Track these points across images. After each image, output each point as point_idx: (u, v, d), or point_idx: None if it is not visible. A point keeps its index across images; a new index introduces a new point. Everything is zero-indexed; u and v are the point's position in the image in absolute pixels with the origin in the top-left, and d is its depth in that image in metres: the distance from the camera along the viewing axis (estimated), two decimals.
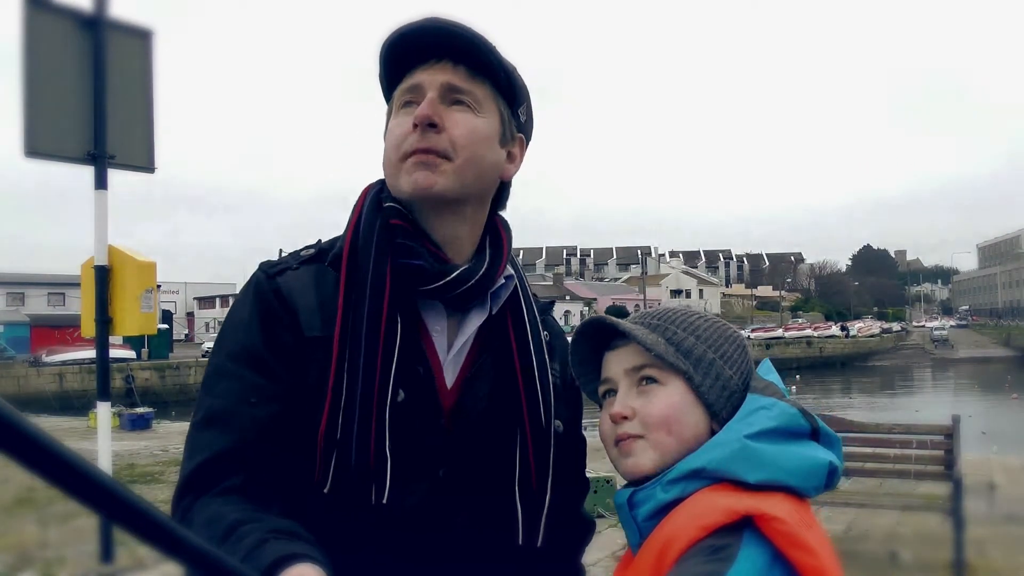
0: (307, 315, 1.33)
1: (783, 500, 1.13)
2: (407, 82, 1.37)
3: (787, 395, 1.27)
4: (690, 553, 1.06)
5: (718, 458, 1.17)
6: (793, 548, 1.04)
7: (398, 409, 1.30)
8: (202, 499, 1.22)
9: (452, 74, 1.35)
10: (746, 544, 1.05)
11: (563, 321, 74.79)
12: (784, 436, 1.20)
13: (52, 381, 34.59)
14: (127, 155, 6.39)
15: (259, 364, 1.31)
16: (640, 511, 1.23)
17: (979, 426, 19.80)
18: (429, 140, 1.33)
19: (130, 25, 6.47)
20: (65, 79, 6.01)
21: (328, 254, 1.40)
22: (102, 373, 6.49)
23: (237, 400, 1.28)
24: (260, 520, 1.14)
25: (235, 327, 1.36)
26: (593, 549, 5.72)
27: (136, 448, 12.70)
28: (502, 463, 1.38)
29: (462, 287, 1.35)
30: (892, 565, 6.22)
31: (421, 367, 1.34)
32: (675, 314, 1.37)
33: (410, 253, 1.34)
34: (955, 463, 6.10)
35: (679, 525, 1.11)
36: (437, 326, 1.39)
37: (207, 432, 1.28)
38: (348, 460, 1.27)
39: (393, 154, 1.36)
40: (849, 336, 77.68)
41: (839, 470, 1.23)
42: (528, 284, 1.53)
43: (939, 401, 35.80)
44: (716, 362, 1.29)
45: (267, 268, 1.40)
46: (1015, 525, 7.43)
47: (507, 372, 1.41)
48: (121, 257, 6.32)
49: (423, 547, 1.31)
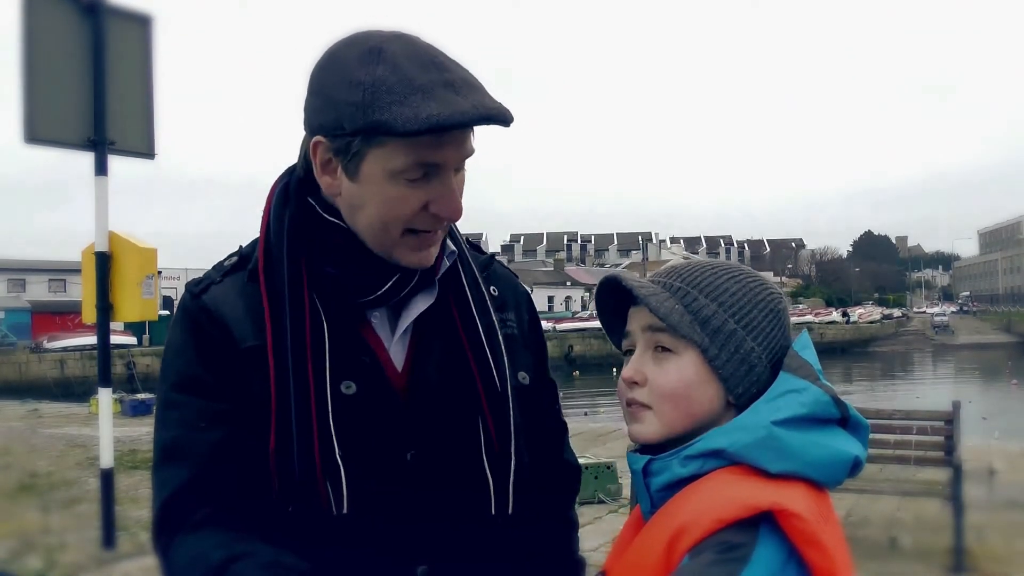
0: (238, 327, 1.32)
1: (803, 492, 1.09)
2: (428, 155, 1.23)
3: (821, 376, 1.19)
4: (703, 546, 1.02)
5: (741, 442, 1.12)
6: (808, 546, 1.01)
7: (348, 403, 1.28)
8: (177, 538, 1.22)
9: (470, 142, 1.28)
10: (762, 542, 1.01)
11: (564, 307, 74.76)
12: (812, 424, 1.14)
13: (53, 367, 34.66)
14: (127, 141, 6.38)
15: (202, 388, 1.29)
16: (655, 480, 1.19)
17: (979, 412, 19.80)
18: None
19: (130, 11, 6.45)
20: (65, 65, 5.99)
21: (249, 262, 1.37)
22: (103, 359, 6.50)
23: (188, 428, 1.28)
24: (247, 555, 1.14)
25: (173, 355, 1.35)
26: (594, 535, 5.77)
27: (138, 434, 12.70)
28: (467, 435, 1.37)
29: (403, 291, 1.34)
30: (892, 550, 6.24)
31: (366, 356, 1.33)
32: (703, 274, 1.25)
33: (335, 262, 1.32)
34: (955, 449, 6.10)
35: (694, 514, 1.07)
36: (376, 313, 1.37)
37: (166, 468, 1.28)
38: (292, 471, 1.25)
39: (396, 225, 1.28)
40: (850, 322, 77.61)
41: (863, 463, 1.18)
42: (465, 244, 1.49)
43: (939, 387, 35.80)
44: (737, 333, 1.19)
45: (192, 288, 1.38)
46: (1015, 511, 7.45)
47: (454, 341, 1.39)
48: (122, 243, 6.31)
49: (405, 537, 1.30)
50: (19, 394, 24.70)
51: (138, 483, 8.63)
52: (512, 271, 1.61)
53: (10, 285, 57.19)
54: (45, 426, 14.93)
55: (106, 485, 6.24)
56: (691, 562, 1.02)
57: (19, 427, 14.80)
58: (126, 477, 8.61)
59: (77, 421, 15.43)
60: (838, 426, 1.18)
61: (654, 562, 1.08)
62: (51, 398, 23.34)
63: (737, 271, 1.27)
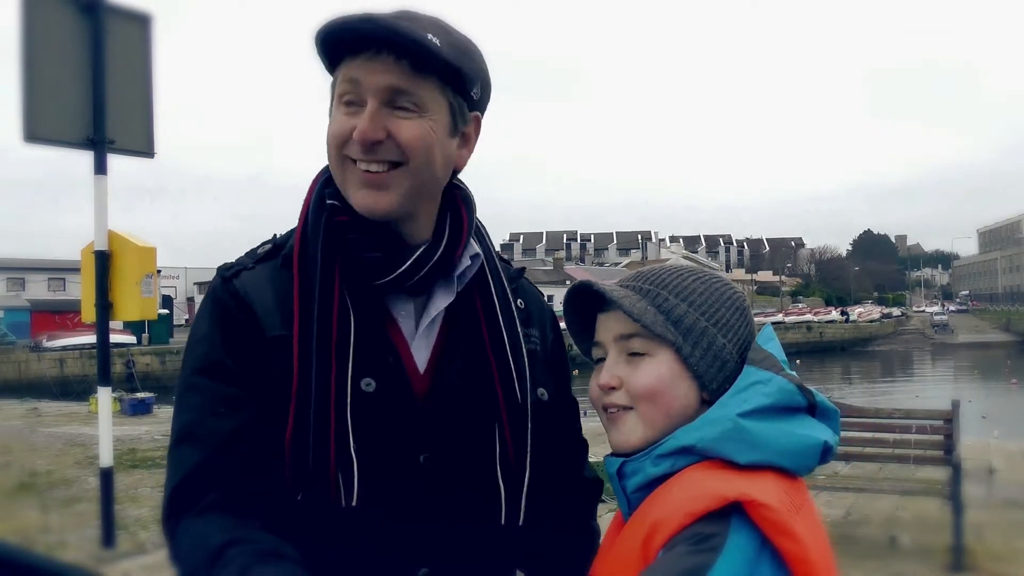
0: (266, 315, 1.32)
1: (774, 482, 1.10)
2: (347, 71, 1.28)
3: (786, 366, 1.22)
4: (676, 540, 1.04)
5: (709, 437, 1.14)
6: (779, 535, 1.03)
7: (367, 400, 1.28)
8: (184, 520, 1.22)
9: (394, 74, 1.25)
10: (734, 532, 1.03)
11: None
12: (779, 413, 1.17)
13: (53, 366, 34.58)
14: (127, 140, 6.37)
15: (224, 373, 1.30)
16: (629, 482, 1.21)
17: (978, 411, 19.81)
18: (376, 154, 1.28)
19: (129, 10, 6.44)
20: (65, 64, 5.99)
21: (282, 251, 1.38)
22: (103, 358, 6.50)
23: (206, 413, 1.28)
24: (245, 541, 1.14)
25: (198, 340, 1.35)
26: None
27: (137, 433, 12.72)
28: (483, 443, 1.37)
29: (419, 273, 1.34)
30: (891, 549, 6.23)
31: (390, 355, 1.33)
32: (670, 276, 1.30)
33: (362, 247, 1.32)
34: (954, 448, 6.11)
35: (666, 510, 1.09)
36: (403, 312, 1.37)
37: (181, 450, 1.28)
38: (306, 464, 1.26)
39: (334, 152, 1.32)
40: (849, 321, 77.69)
41: (833, 448, 1.20)
42: (496, 254, 1.50)
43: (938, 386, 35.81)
44: (709, 330, 1.23)
45: (223, 272, 1.38)
46: (1014, 510, 7.45)
47: (479, 350, 1.39)
48: (121, 242, 6.31)
49: (410, 537, 1.30)
50: (18, 393, 24.64)
51: (137, 482, 8.64)
52: (539, 289, 1.62)
53: (9, 284, 57.20)
54: (44, 425, 14.90)
55: (105, 484, 6.24)
56: (666, 555, 1.04)
57: (18, 426, 14.78)
58: (125, 476, 8.61)
59: (76, 420, 15.41)
60: (806, 413, 1.20)
61: (633, 560, 1.10)
62: (50, 397, 23.27)
63: (700, 272, 1.32)
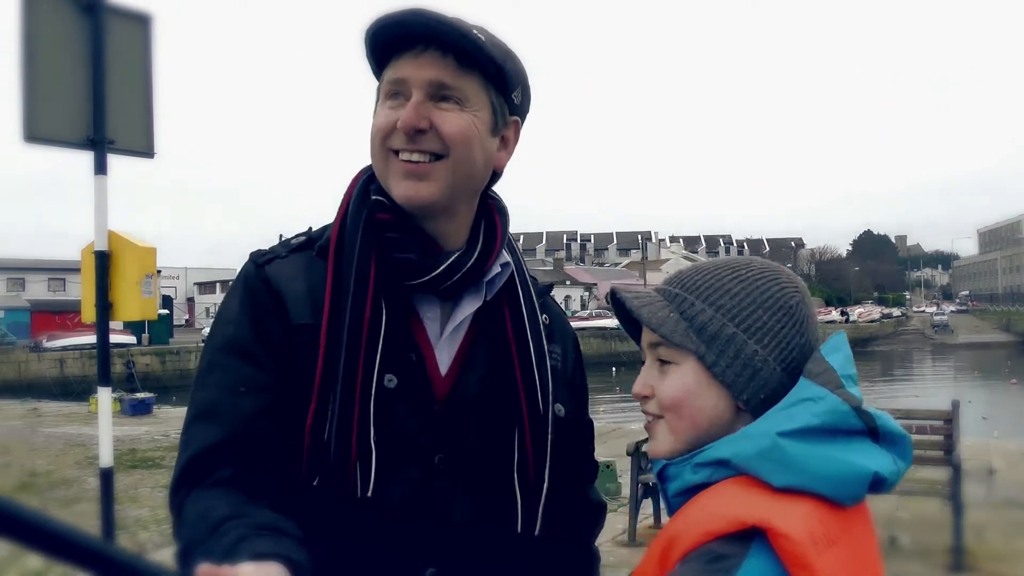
0: (295, 303, 1.34)
1: (808, 509, 1.03)
2: (393, 71, 1.33)
3: (849, 382, 1.12)
4: (691, 556, 1.01)
5: (745, 453, 1.08)
6: (797, 569, 0.97)
7: (388, 396, 1.30)
8: (194, 492, 1.23)
9: (439, 68, 1.31)
10: (751, 557, 0.98)
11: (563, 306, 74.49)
12: (827, 435, 1.07)
13: (53, 366, 34.60)
14: (127, 140, 6.35)
15: (248, 355, 1.31)
16: (670, 486, 1.18)
17: (978, 411, 19.81)
18: (418, 144, 1.31)
19: (130, 10, 6.44)
20: (64, 64, 5.98)
21: (317, 243, 1.40)
22: (103, 358, 6.48)
23: (227, 392, 1.29)
24: (247, 515, 1.14)
25: (225, 320, 1.36)
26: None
27: (137, 433, 12.73)
28: (500, 450, 1.38)
29: (451, 279, 1.35)
30: (891, 549, 6.23)
31: (413, 354, 1.34)
32: (704, 277, 1.22)
33: (399, 247, 1.34)
34: (954, 448, 6.12)
35: (687, 523, 1.06)
36: (430, 313, 1.39)
37: (198, 425, 1.29)
38: (328, 452, 1.27)
39: (378, 145, 1.35)
40: (849, 321, 77.56)
41: (888, 480, 1.09)
42: (527, 268, 1.52)
43: (938, 386, 35.80)
44: (737, 336, 1.15)
45: (256, 257, 1.40)
46: (1014, 510, 7.46)
47: (503, 358, 1.40)
48: (121, 242, 6.30)
49: (420, 536, 1.30)
50: (18, 393, 24.67)
51: (138, 482, 8.64)
52: (563, 310, 1.63)
53: (9, 284, 57.25)
54: (44, 425, 14.92)
55: (105, 484, 6.22)
56: (679, 569, 1.02)
57: (18, 426, 14.79)
58: (125, 476, 8.62)
59: (76, 420, 15.42)
60: (867, 438, 1.11)
61: (652, 568, 1.08)
62: (50, 397, 23.29)
63: (744, 269, 1.22)
